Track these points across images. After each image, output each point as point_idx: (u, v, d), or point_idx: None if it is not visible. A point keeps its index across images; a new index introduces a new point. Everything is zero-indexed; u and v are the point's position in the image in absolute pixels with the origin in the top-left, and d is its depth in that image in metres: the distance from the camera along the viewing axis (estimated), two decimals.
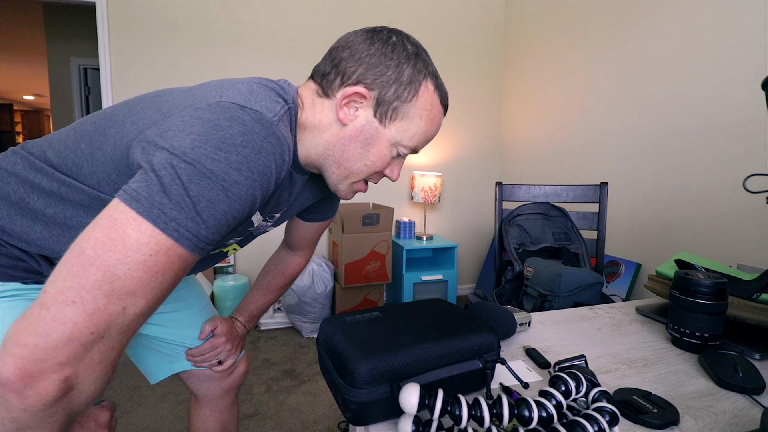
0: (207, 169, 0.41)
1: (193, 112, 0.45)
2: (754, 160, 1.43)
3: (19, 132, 8.24)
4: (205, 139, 0.42)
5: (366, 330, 0.52)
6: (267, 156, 0.45)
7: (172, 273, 0.41)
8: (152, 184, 0.40)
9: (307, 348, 2.16)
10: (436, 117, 0.58)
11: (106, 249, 0.37)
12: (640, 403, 0.50)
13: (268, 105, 0.48)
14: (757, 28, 1.41)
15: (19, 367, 0.34)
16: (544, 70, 2.53)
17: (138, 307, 0.39)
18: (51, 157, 0.55)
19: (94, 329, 0.36)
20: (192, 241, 0.41)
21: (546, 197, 1.50)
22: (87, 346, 0.36)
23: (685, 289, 0.66)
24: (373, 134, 0.56)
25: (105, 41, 2.21)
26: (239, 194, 0.43)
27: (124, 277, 0.37)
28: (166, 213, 0.39)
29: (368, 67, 0.54)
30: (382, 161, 0.58)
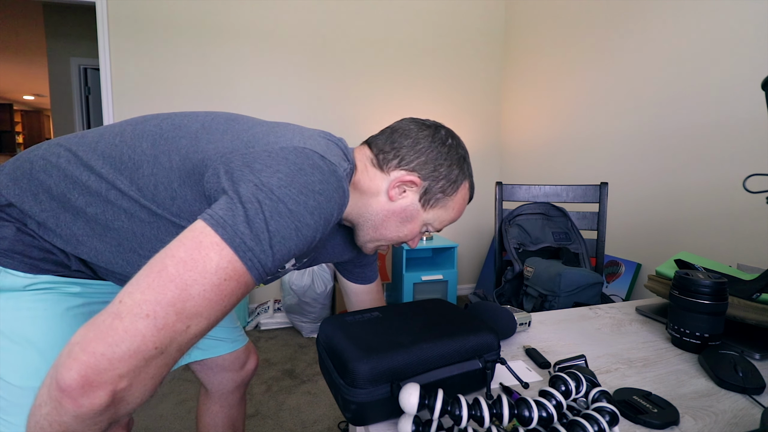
0: (288, 209, 0.44)
1: (280, 151, 0.49)
2: (754, 160, 1.43)
3: (19, 132, 8.24)
4: (290, 181, 0.46)
5: (366, 330, 0.52)
6: (334, 206, 0.50)
7: (235, 298, 0.43)
8: (238, 214, 0.42)
9: (307, 348, 2.16)
10: (463, 208, 0.69)
11: (187, 268, 0.39)
12: (640, 403, 0.49)
13: (340, 161, 0.54)
14: (757, 28, 1.41)
15: (82, 375, 0.35)
16: (544, 70, 2.53)
17: (200, 327, 0.40)
18: (104, 150, 0.56)
19: (159, 345, 0.37)
20: (259, 270, 0.43)
21: (546, 197, 1.50)
22: (148, 361, 0.37)
23: (685, 289, 0.66)
24: (413, 214, 0.64)
25: (105, 41, 2.21)
26: (307, 235, 0.47)
27: (197, 297, 0.39)
28: (246, 243, 0.42)
29: (426, 161, 0.62)
30: (412, 236, 0.66)
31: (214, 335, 0.88)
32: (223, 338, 0.89)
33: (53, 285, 0.59)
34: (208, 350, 0.87)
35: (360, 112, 2.67)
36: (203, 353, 0.87)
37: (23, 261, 0.56)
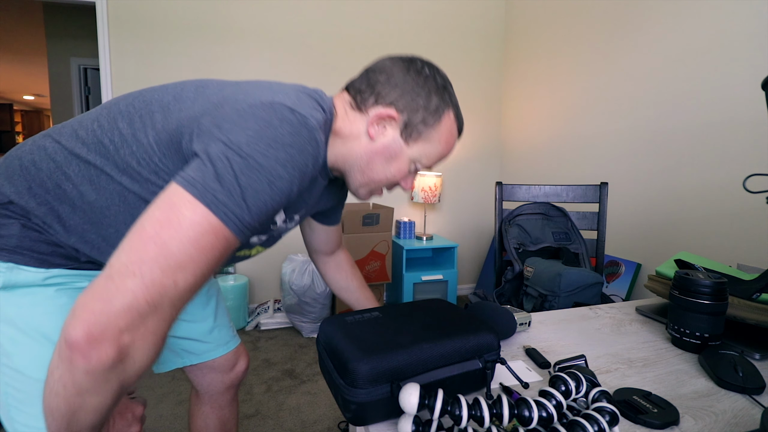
0: (258, 164, 0.45)
1: (248, 108, 0.49)
2: (754, 160, 1.43)
3: (19, 132, 8.24)
4: (259, 136, 0.46)
5: (366, 330, 0.52)
6: (307, 157, 0.50)
7: (217, 252, 0.44)
8: (207, 172, 0.44)
9: (307, 348, 2.16)
10: (451, 141, 0.66)
11: (164, 227, 0.41)
12: (640, 403, 0.49)
13: (312, 112, 0.53)
14: (757, 28, 1.41)
15: (86, 331, 0.37)
16: (544, 70, 2.53)
17: (187, 281, 0.42)
18: (84, 137, 0.57)
19: (150, 299, 0.40)
20: (237, 224, 0.45)
21: (546, 197, 1.50)
22: (143, 316, 0.40)
23: (685, 289, 0.66)
24: (397, 151, 0.62)
25: (105, 41, 2.21)
26: (281, 188, 0.47)
27: (178, 253, 0.41)
28: (217, 197, 0.43)
29: (402, 93, 0.60)
30: (401, 174, 0.64)
31: (207, 340, 0.88)
32: (215, 342, 0.89)
33: (68, 279, 0.60)
34: (202, 355, 0.88)
35: None
36: (197, 358, 0.87)
37: (33, 256, 0.57)
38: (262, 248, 0.74)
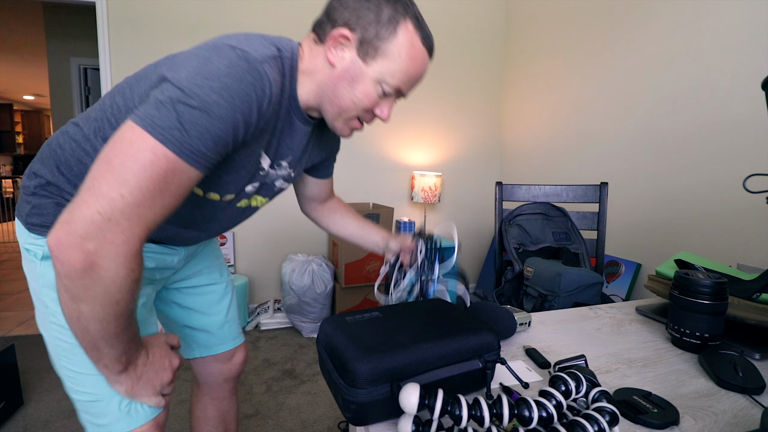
0: (192, 92, 0.49)
1: (195, 49, 0.54)
2: (754, 160, 1.43)
3: (19, 132, 8.24)
4: (196, 71, 0.50)
5: (366, 330, 0.52)
6: (247, 86, 0.52)
7: (159, 170, 0.48)
8: (149, 104, 0.50)
9: (307, 348, 2.16)
10: (417, 57, 0.62)
11: (110, 149, 0.48)
12: (640, 403, 0.49)
13: (258, 48, 0.56)
14: (757, 28, 1.41)
15: (56, 238, 0.46)
16: (544, 70, 2.53)
17: (133, 195, 0.47)
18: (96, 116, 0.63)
19: (101, 210, 0.46)
20: (176, 145, 0.49)
21: (546, 197, 1.50)
22: (100, 224, 0.46)
23: (685, 289, 0.66)
24: (357, 73, 0.61)
25: (105, 41, 2.21)
26: (219, 114, 0.50)
27: (120, 167, 0.47)
28: (155, 122, 0.48)
29: (352, 11, 0.59)
30: (369, 98, 0.63)
31: (217, 333, 0.93)
32: (224, 337, 0.94)
33: None
34: (212, 348, 0.93)
35: None
36: (207, 350, 0.93)
37: None
38: (263, 198, 0.78)
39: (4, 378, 1.53)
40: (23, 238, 0.67)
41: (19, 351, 2.02)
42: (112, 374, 0.58)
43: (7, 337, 2.27)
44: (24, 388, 1.71)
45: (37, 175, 0.65)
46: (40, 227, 0.64)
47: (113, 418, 0.64)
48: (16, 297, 3.01)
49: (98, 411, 0.65)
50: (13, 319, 2.56)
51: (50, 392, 1.72)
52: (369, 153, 2.74)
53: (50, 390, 1.73)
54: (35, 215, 0.64)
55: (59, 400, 1.66)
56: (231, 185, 0.66)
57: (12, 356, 1.60)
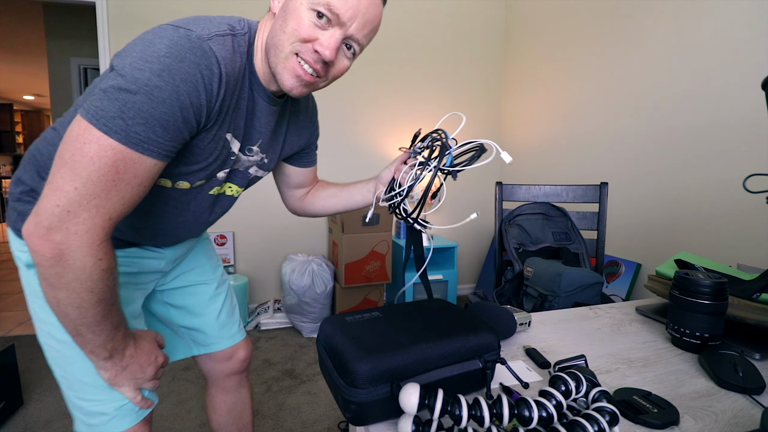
0: (134, 78, 0.49)
1: (143, 34, 0.53)
2: (754, 160, 1.43)
3: (19, 132, 8.24)
4: (139, 56, 0.50)
5: (366, 330, 0.52)
6: (190, 65, 0.51)
7: (107, 161, 0.49)
8: (95, 95, 0.50)
9: (307, 348, 2.16)
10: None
11: (62, 144, 0.50)
12: (640, 403, 0.49)
13: (205, 26, 0.55)
14: (757, 28, 1.41)
15: (26, 230, 0.49)
16: (544, 70, 2.53)
17: (86, 188, 0.48)
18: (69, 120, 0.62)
19: (59, 202, 0.48)
20: (121, 135, 0.49)
21: (546, 197, 1.50)
22: (60, 216, 0.48)
23: (685, 289, 0.66)
24: (289, 4, 0.58)
25: (105, 41, 2.21)
26: (162, 97, 0.49)
27: (70, 161, 0.48)
28: (98, 113, 0.48)
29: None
30: (300, 24, 0.56)
31: (212, 333, 0.93)
32: (220, 336, 0.94)
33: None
34: (208, 346, 0.94)
35: (361, 112, 2.67)
36: (204, 348, 0.94)
37: None
38: (237, 187, 0.75)
39: (4, 378, 1.53)
40: (13, 245, 0.68)
41: (19, 351, 2.02)
42: (99, 360, 0.61)
43: (7, 337, 2.27)
44: (24, 388, 1.71)
45: (21, 182, 0.66)
46: None
47: (104, 419, 0.67)
48: (17, 297, 3.01)
49: (90, 411, 0.67)
50: (13, 319, 2.56)
51: (50, 392, 1.72)
52: (369, 153, 2.74)
53: (50, 390, 1.73)
54: (21, 221, 0.63)
55: (59, 400, 1.66)
56: (201, 172, 0.64)
57: (12, 356, 1.60)
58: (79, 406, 0.68)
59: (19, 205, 0.65)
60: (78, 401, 0.68)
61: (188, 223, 0.74)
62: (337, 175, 2.65)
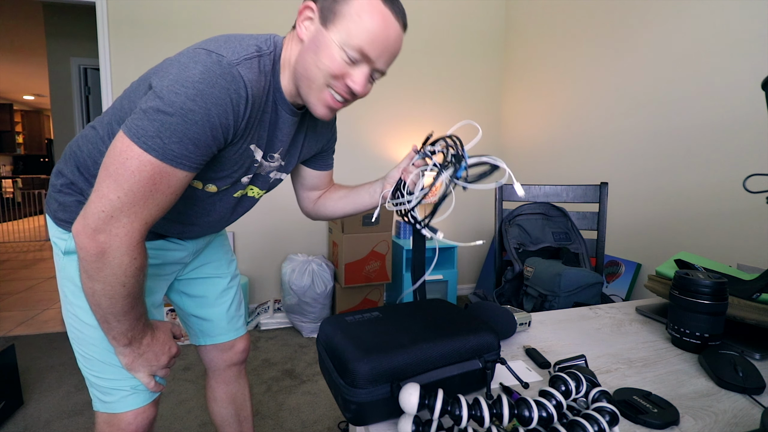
0: (170, 101, 0.54)
1: (178, 55, 0.58)
2: (754, 160, 1.43)
3: (19, 132, 8.24)
4: (175, 79, 0.55)
5: (366, 330, 0.52)
6: (221, 90, 0.56)
7: (146, 174, 0.55)
8: (137, 114, 0.55)
9: (307, 348, 2.16)
10: (376, 15, 0.59)
11: (107, 157, 0.56)
12: (640, 403, 0.49)
13: (235, 50, 0.59)
14: (757, 28, 1.41)
15: (76, 229, 0.56)
16: (544, 70, 2.53)
17: (128, 197, 0.55)
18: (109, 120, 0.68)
19: (103, 208, 0.55)
20: (159, 152, 0.55)
21: (546, 197, 1.50)
22: (105, 220, 0.55)
23: (685, 289, 0.66)
24: (321, 39, 0.62)
25: (105, 41, 2.21)
26: (195, 119, 0.55)
27: (114, 174, 0.55)
28: (139, 132, 0.54)
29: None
30: (333, 63, 0.61)
31: (221, 324, 0.98)
32: (227, 328, 1.00)
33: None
34: (216, 337, 0.99)
35: (361, 112, 2.67)
36: (211, 339, 0.99)
37: None
38: (259, 189, 0.81)
39: (4, 378, 1.53)
40: (51, 231, 0.75)
41: (19, 351, 2.02)
42: (119, 346, 0.67)
43: (7, 337, 2.27)
44: (24, 388, 1.71)
45: (62, 174, 0.72)
46: (65, 222, 0.72)
47: (119, 397, 0.74)
48: (16, 297, 3.01)
49: (105, 390, 0.74)
50: (13, 319, 2.56)
51: (50, 392, 1.72)
52: (369, 152, 2.74)
53: (50, 390, 1.73)
54: (61, 211, 0.72)
55: (59, 400, 1.66)
56: (227, 178, 0.71)
57: (12, 356, 1.60)
58: (97, 384, 0.74)
59: (60, 197, 0.72)
60: (95, 379, 0.74)
61: (213, 221, 0.80)
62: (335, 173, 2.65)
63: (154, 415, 0.79)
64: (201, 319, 0.97)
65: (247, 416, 1.08)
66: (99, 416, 0.76)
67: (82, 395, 1.69)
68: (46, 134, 8.37)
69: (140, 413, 0.76)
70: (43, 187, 6.33)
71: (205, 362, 1.04)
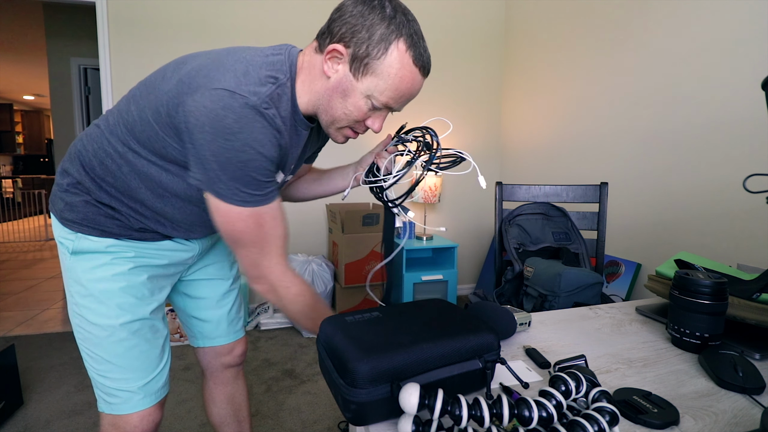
0: (226, 158, 0.58)
1: (199, 98, 0.58)
2: (754, 160, 1.43)
3: (19, 132, 8.24)
4: (214, 134, 0.57)
5: (366, 330, 0.52)
6: (260, 132, 0.59)
7: (252, 223, 0.64)
8: (220, 183, 0.61)
9: (307, 348, 2.16)
10: (407, 76, 0.63)
11: (221, 227, 0.66)
12: (640, 403, 0.49)
13: (255, 89, 0.59)
14: (757, 28, 1.41)
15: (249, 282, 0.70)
16: (544, 70, 2.53)
17: (255, 247, 0.66)
18: (115, 121, 0.70)
19: (247, 263, 0.68)
20: (252, 202, 0.62)
21: (546, 197, 1.50)
22: (253, 270, 0.69)
23: (685, 289, 0.66)
24: (348, 87, 0.64)
25: (105, 41, 2.21)
26: (254, 165, 0.59)
27: (233, 237, 0.66)
28: (228, 195, 0.61)
29: (348, 27, 0.61)
30: (359, 111, 0.66)
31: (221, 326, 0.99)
32: (227, 330, 1.00)
33: (119, 249, 0.74)
34: (215, 339, 1.00)
35: None
36: (210, 341, 1.00)
37: (95, 228, 0.72)
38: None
39: (4, 378, 1.53)
40: (57, 231, 0.74)
41: (19, 351, 2.02)
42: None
43: (7, 337, 2.27)
44: (24, 388, 1.71)
45: (68, 174, 0.73)
46: (72, 222, 0.72)
47: (125, 398, 0.74)
48: (16, 297, 3.01)
49: (111, 390, 0.74)
50: (13, 319, 2.56)
51: (50, 392, 1.72)
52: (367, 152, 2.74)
53: (50, 390, 1.73)
54: (68, 211, 0.72)
55: (59, 400, 1.66)
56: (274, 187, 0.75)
57: (12, 356, 1.60)
58: (102, 384, 0.74)
59: (66, 196, 0.72)
60: (101, 380, 0.74)
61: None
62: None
63: (159, 417, 0.79)
64: (201, 321, 0.97)
65: (245, 417, 1.08)
66: (104, 417, 0.76)
67: (82, 395, 1.69)
68: (46, 134, 8.37)
69: (146, 415, 0.76)
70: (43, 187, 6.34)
71: (202, 364, 1.03)
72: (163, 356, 0.80)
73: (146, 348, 0.76)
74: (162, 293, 0.83)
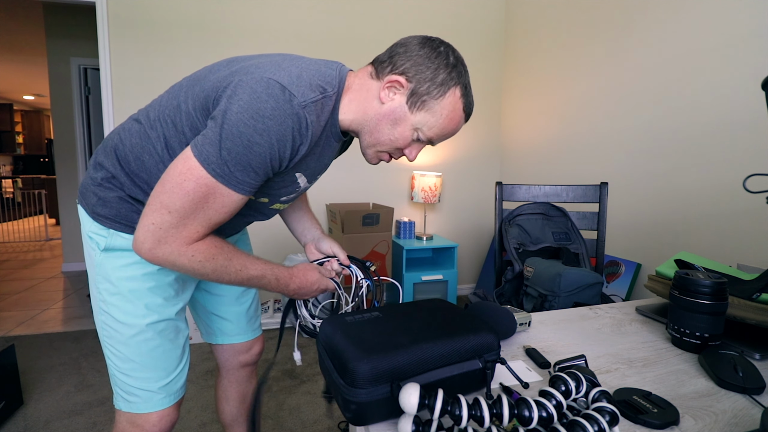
0: (238, 131, 0.57)
1: (250, 79, 0.60)
2: (754, 160, 1.43)
3: (19, 132, 8.23)
4: (246, 107, 0.57)
5: (366, 330, 0.52)
6: (287, 129, 0.59)
7: (201, 193, 0.59)
8: (206, 138, 0.59)
9: (307, 348, 2.16)
10: (455, 119, 0.70)
11: (167, 174, 0.60)
12: (640, 403, 0.49)
13: (305, 92, 0.61)
14: (757, 28, 1.41)
15: (135, 248, 0.61)
16: (544, 70, 2.53)
17: (177, 214, 0.59)
18: (156, 116, 0.70)
19: (154, 221, 0.59)
20: (224, 178, 0.59)
21: (546, 197, 1.50)
22: (154, 233, 0.60)
23: (685, 289, 0.66)
24: (401, 116, 0.68)
25: (105, 41, 2.21)
26: (258, 152, 0.59)
27: (169, 191, 0.59)
28: (209, 158, 0.58)
29: (413, 64, 0.66)
30: (404, 140, 0.70)
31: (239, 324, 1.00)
32: (245, 328, 1.02)
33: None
34: (233, 336, 1.01)
35: None
36: (229, 338, 1.01)
37: (128, 225, 0.72)
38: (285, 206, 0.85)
39: (4, 378, 1.53)
40: (87, 226, 0.74)
41: (19, 351, 2.02)
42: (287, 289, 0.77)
43: (7, 337, 2.27)
44: (24, 388, 1.71)
45: (102, 167, 0.72)
46: (105, 218, 0.72)
47: (144, 398, 0.76)
48: (16, 297, 3.01)
49: (131, 389, 0.75)
50: (13, 319, 2.56)
51: (50, 392, 1.72)
52: None
53: (50, 390, 1.73)
54: (101, 207, 0.72)
55: (59, 400, 1.66)
56: (272, 197, 0.75)
57: (12, 356, 1.60)
58: (123, 382, 0.75)
59: (100, 191, 0.72)
60: (123, 377, 0.75)
61: (242, 224, 0.84)
62: (332, 170, 2.66)
63: (176, 418, 0.81)
64: (221, 318, 0.98)
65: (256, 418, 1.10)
66: (121, 415, 0.77)
67: (82, 395, 1.69)
68: (46, 134, 8.37)
69: (165, 415, 0.78)
70: (43, 187, 6.33)
71: (219, 361, 1.04)
72: (183, 357, 0.82)
73: (169, 348, 0.77)
74: (186, 293, 0.84)
